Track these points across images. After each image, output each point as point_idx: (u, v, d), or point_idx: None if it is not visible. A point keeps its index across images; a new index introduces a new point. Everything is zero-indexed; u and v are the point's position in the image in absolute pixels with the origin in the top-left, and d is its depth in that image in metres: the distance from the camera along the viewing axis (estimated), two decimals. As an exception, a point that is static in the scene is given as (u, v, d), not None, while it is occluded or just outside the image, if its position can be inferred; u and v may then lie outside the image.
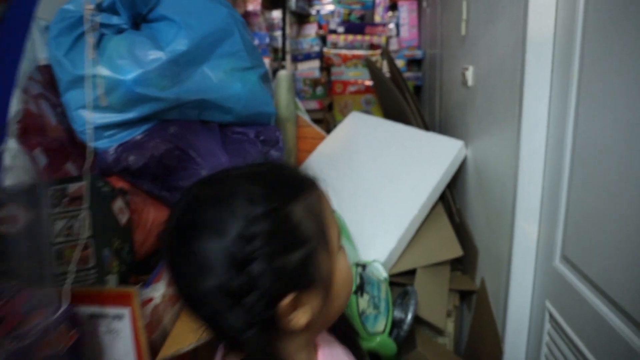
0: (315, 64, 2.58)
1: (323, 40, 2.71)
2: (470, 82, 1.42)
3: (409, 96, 1.84)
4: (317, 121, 2.26)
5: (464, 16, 1.44)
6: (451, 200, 1.59)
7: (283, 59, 2.15)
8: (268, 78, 1.17)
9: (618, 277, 0.71)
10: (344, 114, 2.57)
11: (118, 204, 0.92)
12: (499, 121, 1.15)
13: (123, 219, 0.92)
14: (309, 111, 2.31)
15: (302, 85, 2.43)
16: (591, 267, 0.79)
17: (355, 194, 1.52)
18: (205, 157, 0.98)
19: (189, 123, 1.01)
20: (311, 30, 2.82)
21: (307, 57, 2.55)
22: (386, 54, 2.01)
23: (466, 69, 1.44)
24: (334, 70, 2.61)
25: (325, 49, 2.58)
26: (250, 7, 1.98)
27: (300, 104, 2.13)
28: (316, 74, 2.56)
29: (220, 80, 1.03)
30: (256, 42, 2.05)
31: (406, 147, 1.58)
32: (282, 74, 2.07)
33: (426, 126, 1.76)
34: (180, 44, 0.96)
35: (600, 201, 0.75)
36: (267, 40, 2.09)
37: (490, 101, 1.23)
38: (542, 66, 0.96)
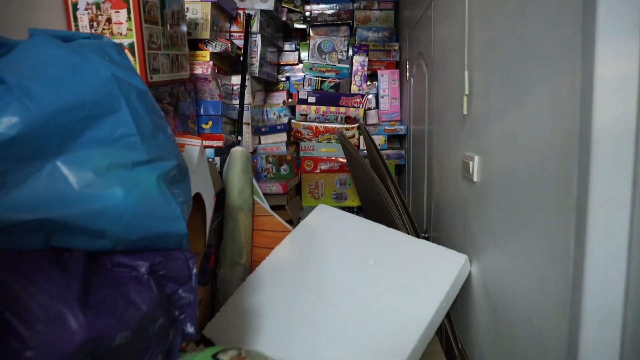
0: (282, 137, 2.21)
1: (293, 110, 2.37)
2: (476, 177, 1.04)
3: (392, 188, 1.45)
4: (278, 208, 1.85)
5: (467, 90, 1.08)
6: (451, 335, 1.16)
7: (239, 132, 1.77)
8: (181, 176, 0.76)
9: None
10: (315, 196, 2.17)
11: None
12: (534, 236, 0.76)
13: None
14: (270, 195, 1.90)
15: (263, 163, 2.05)
16: None
17: (324, 318, 1.09)
18: (40, 323, 0.55)
19: (18, 256, 0.59)
20: (279, 99, 2.48)
21: (272, 129, 2.18)
22: (363, 129, 1.64)
23: (469, 158, 1.06)
24: (303, 145, 2.25)
25: (293, 121, 2.23)
26: (199, 70, 1.62)
27: (258, 188, 1.72)
28: (282, 149, 2.18)
29: (86, 184, 0.62)
30: (202, 112, 1.67)
31: (393, 260, 1.17)
32: (236, 151, 1.68)
33: (415, 229, 1.36)
34: (9, 125, 0.56)
35: None
36: (221, 110, 1.71)
37: (514, 207, 0.84)
38: (619, 167, 0.58)
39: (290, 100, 2.45)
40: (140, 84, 0.73)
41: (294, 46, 2.49)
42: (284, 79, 2.51)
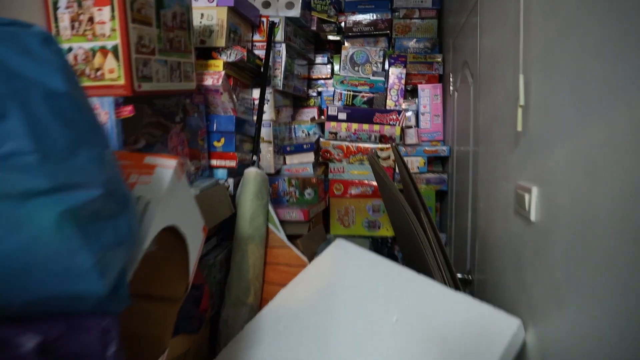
0: (309, 157, 1.99)
1: (324, 128, 2.15)
2: (534, 215, 0.78)
3: (427, 222, 1.20)
4: (298, 238, 1.63)
5: (522, 100, 0.82)
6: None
7: (255, 152, 1.57)
8: (113, 210, 0.55)
9: None
10: (345, 224, 1.93)
11: None
12: (619, 299, 0.49)
13: None
14: (289, 223, 1.68)
15: (286, 186, 1.83)
16: None
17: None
18: None
19: None
20: (309, 115, 2.28)
21: (299, 149, 1.97)
22: (394, 150, 1.41)
23: (525, 190, 0.80)
24: (332, 166, 2.02)
25: (322, 140, 2.01)
26: (209, 80, 1.44)
27: (274, 215, 1.51)
28: (309, 170, 1.96)
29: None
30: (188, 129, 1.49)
31: (421, 318, 0.91)
32: (249, 173, 1.47)
33: (453, 276, 1.10)
34: None
35: None
36: (234, 126, 1.52)
37: (590, 258, 0.58)
38: None
39: (320, 117, 2.24)
40: (57, 85, 0.53)
41: (326, 59, 2.29)
42: (314, 94, 2.31)
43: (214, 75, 1.46)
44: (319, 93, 2.31)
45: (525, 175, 0.83)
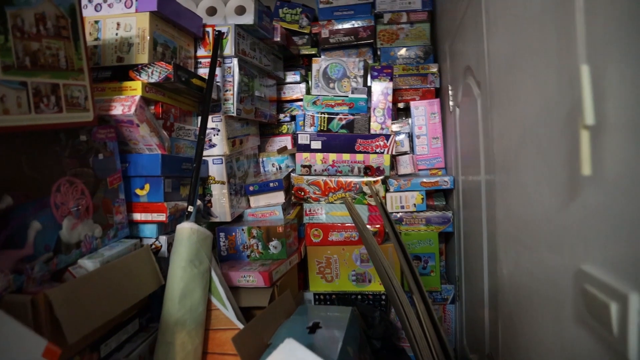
0: (278, 198, 1.59)
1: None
2: (634, 347, 0.37)
3: (417, 293, 0.79)
4: (255, 311, 1.21)
5: (588, 117, 0.42)
6: None
7: (190, 200, 1.17)
8: None
9: None
10: (327, 278, 1.53)
11: None
12: None
13: None
14: (245, 290, 1.27)
15: (245, 238, 1.43)
16: None
17: None
18: None
19: None
20: (282, 144, 1.89)
21: (263, 188, 1.57)
22: (374, 192, 1.02)
23: (609, 293, 0.39)
24: (308, 207, 1.62)
25: (293, 175, 1.61)
26: (117, 109, 1.05)
27: (219, 285, 1.10)
28: (278, 214, 1.56)
29: None
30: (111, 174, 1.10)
31: None
32: (182, 231, 1.07)
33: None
34: None
35: None
36: (160, 168, 1.13)
37: None
38: None
39: (290, 147, 1.85)
40: None
41: (298, 76, 1.91)
42: (287, 118, 1.92)
43: (126, 101, 1.07)
44: (293, 117, 1.92)
45: (606, 260, 0.43)
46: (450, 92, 1.52)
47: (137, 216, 1.16)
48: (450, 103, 1.50)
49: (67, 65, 0.90)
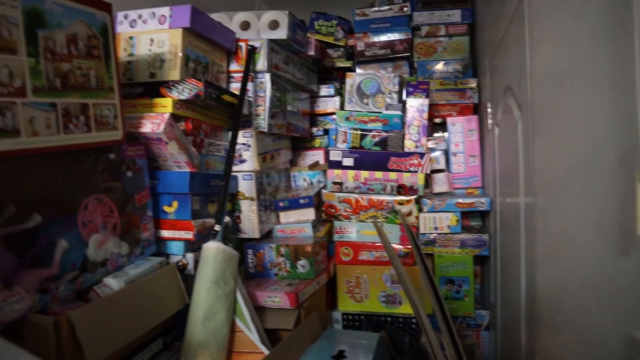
0: (308, 214, 1.57)
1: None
2: None
3: (444, 326, 0.74)
4: (281, 333, 1.18)
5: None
6: None
7: (217, 219, 1.16)
8: None
9: None
10: (356, 298, 1.49)
11: None
12: None
13: None
14: (272, 312, 1.24)
15: (273, 256, 1.40)
16: None
17: None
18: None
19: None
20: (315, 159, 1.86)
21: (294, 204, 1.55)
22: (401, 216, 0.98)
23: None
24: (338, 225, 1.58)
25: (324, 192, 1.58)
26: (147, 127, 1.05)
27: (243, 307, 1.08)
28: (307, 231, 1.53)
29: None
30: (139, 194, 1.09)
31: None
32: (207, 250, 1.06)
33: None
34: None
35: None
36: (189, 185, 1.13)
37: None
38: None
39: (322, 163, 1.82)
40: None
41: (332, 90, 1.88)
42: (320, 132, 1.89)
43: (155, 119, 1.07)
44: (326, 131, 1.89)
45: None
46: (489, 110, 1.45)
47: (165, 233, 1.15)
48: (489, 121, 1.44)
49: (98, 84, 0.91)
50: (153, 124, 1.06)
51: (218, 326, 1.04)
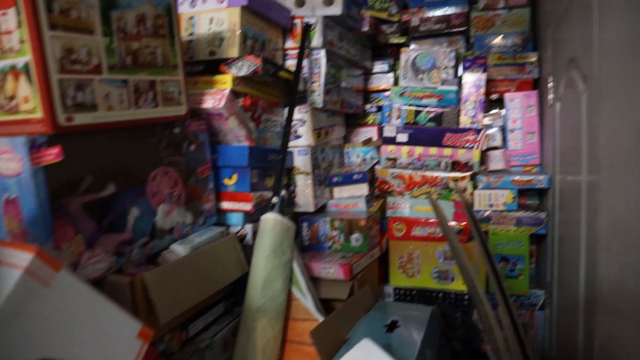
0: (361, 190, 1.59)
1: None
2: None
3: (503, 307, 0.75)
4: (334, 303, 1.22)
5: None
6: None
7: (275, 191, 1.20)
8: None
9: None
10: (408, 273, 1.51)
11: None
12: None
13: None
14: (326, 282, 1.28)
15: (327, 229, 1.44)
16: None
17: None
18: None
19: None
20: (368, 136, 1.87)
21: (347, 180, 1.57)
22: (459, 191, 0.98)
23: None
24: (391, 201, 1.59)
25: (378, 168, 1.59)
26: (209, 102, 1.10)
27: (299, 276, 1.13)
28: (361, 206, 1.56)
29: None
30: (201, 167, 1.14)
31: None
32: (266, 221, 1.11)
33: None
34: None
35: None
36: (248, 159, 1.17)
37: None
38: None
39: (375, 139, 1.82)
40: None
41: (386, 66, 1.87)
42: (373, 109, 1.89)
43: (216, 95, 1.11)
44: (379, 108, 1.89)
45: None
46: (550, 85, 1.40)
47: (225, 205, 1.21)
48: (550, 96, 1.39)
49: (163, 62, 0.96)
50: (214, 100, 1.10)
51: (276, 293, 1.09)
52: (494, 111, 1.69)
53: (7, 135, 0.74)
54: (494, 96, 1.73)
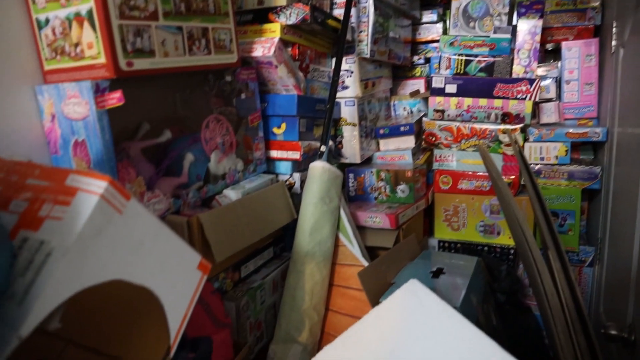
0: (408, 142, 1.58)
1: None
2: None
3: (557, 264, 0.75)
4: (379, 251, 1.25)
5: None
6: None
7: (323, 140, 1.22)
8: None
9: None
10: (453, 227, 1.51)
11: None
12: None
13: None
14: (372, 231, 1.30)
15: (373, 180, 1.45)
16: None
17: None
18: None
19: None
20: (415, 88, 1.84)
21: (394, 131, 1.57)
22: (512, 140, 0.96)
23: None
24: (438, 153, 1.58)
25: (425, 120, 1.58)
26: (258, 51, 1.11)
27: (346, 223, 1.16)
28: (407, 158, 1.55)
29: None
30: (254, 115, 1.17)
31: None
32: (314, 169, 1.13)
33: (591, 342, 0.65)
34: None
35: None
36: (296, 108, 1.19)
37: None
38: None
39: (422, 90, 1.79)
40: None
41: (435, 16, 1.81)
42: (421, 61, 1.85)
43: (266, 43, 1.12)
44: (427, 60, 1.85)
45: None
46: (614, 30, 1.32)
47: (274, 153, 1.24)
48: (613, 42, 1.32)
49: (215, 9, 0.97)
50: (264, 48, 1.11)
51: (324, 239, 1.12)
52: (548, 62, 1.62)
53: (74, 81, 0.78)
54: (550, 46, 1.65)
